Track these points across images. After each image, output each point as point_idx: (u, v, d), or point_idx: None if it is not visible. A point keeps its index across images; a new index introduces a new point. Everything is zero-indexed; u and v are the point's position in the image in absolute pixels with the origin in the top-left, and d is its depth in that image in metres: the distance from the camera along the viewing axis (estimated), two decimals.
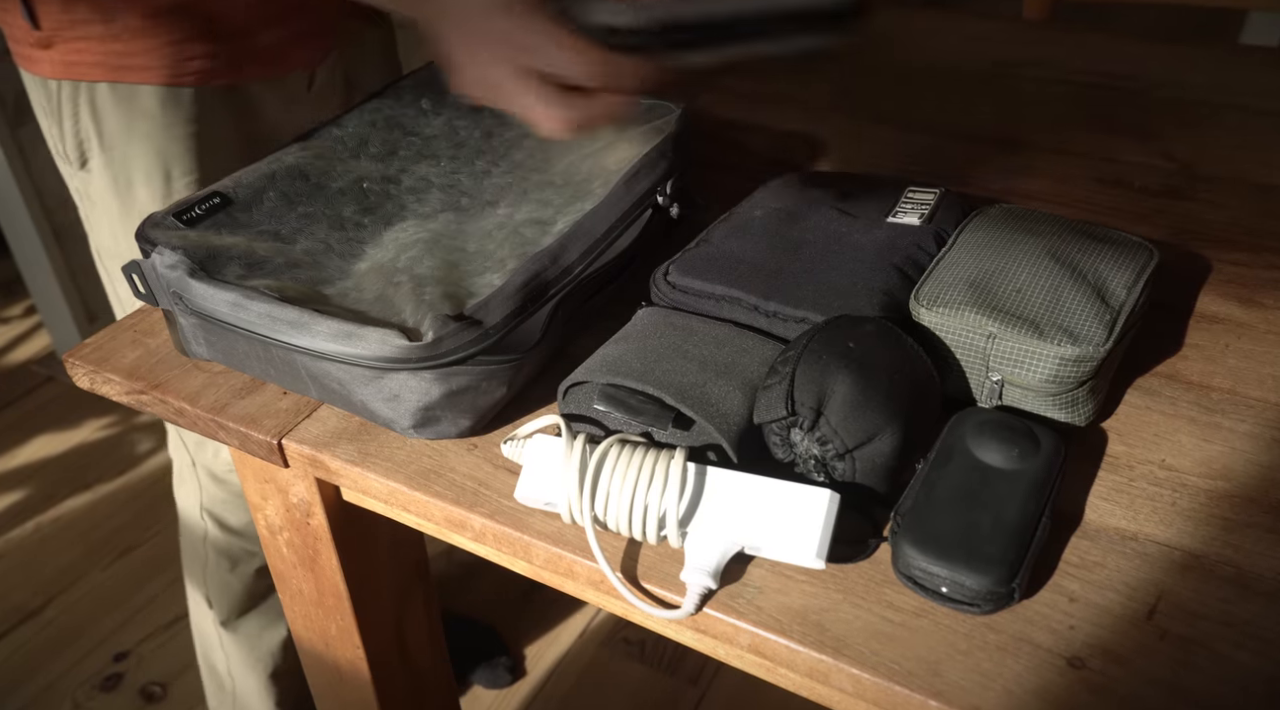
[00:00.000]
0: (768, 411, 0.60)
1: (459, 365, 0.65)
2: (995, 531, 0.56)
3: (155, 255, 0.70)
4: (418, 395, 0.66)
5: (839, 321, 0.64)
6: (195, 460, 1.16)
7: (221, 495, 1.17)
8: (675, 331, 0.68)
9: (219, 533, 1.20)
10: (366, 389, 0.66)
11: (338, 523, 0.79)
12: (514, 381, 0.69)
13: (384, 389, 0.66)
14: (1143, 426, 0.68)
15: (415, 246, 0.73)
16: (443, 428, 0.68)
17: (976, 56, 1.24)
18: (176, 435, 1.16)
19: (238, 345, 0.71)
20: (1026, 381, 0.65)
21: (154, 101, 0.94)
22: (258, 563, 1.23)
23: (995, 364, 0.66)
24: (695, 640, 0.63)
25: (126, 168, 0.97)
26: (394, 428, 0.68)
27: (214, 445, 1.11)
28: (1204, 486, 0.63)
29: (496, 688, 1.60)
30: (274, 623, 1.30)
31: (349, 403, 0.69)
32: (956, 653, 0.54)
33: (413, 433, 0.68)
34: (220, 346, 0.72)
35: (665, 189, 0.80)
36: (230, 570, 1.23)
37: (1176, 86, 1.15)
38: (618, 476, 0.60)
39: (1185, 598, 0.56)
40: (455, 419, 0.68)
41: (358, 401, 0.68)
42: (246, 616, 1.28)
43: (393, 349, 0.63)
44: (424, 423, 0.67)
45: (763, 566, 0.60)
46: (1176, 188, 0.96)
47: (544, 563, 0.64)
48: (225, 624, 1.28)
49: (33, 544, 1.90)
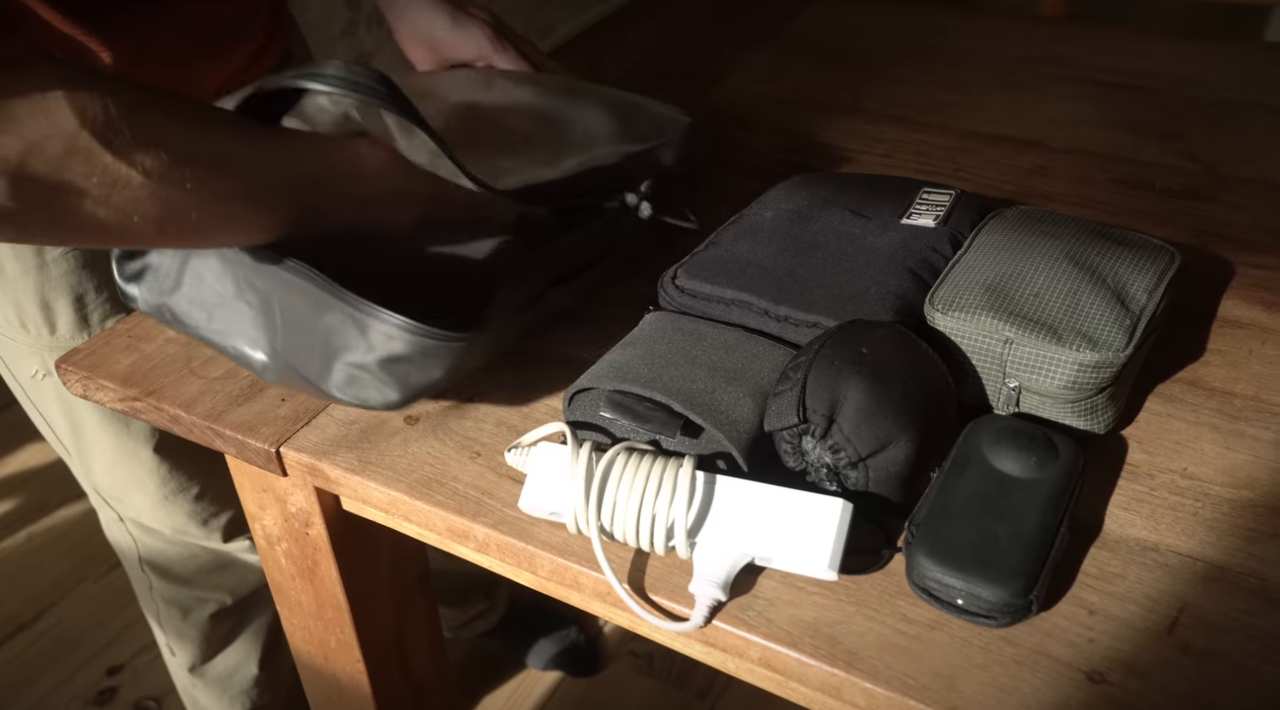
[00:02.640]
0: (779, 418, 0.60)
1: (399, 331, 0.63)
2: (1012, 542, 0.57)
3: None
4: (354, 354, 0.64)
5: (852, 326, 0.64)
6: (120, 514, 1.12)
7: (157, 546, 1.14)
8: (684, 336, 0.68)
9: (163, 584, 1.17)
10: (318, 321, 0.65)
11: (337, 533, 0.79)
12: (453, 367, 0.66)
13: (328, 336, 0.65)
14: (1164, 434, 0.68)
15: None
16: (367, 393, 0.66)
17: (992, 55, 1.24)
18: (91, 487, 1.10)
19: (205, 275, 0.70)
20: (1044, 388, 0.65)
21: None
22: (211, 608, 1.20)
23: (1012, 370, 0.66)
24: (704, 653, 0.63)
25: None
26: (321, 384, 0.66)
27: (133, 494, 1.06)
28: (1227, 496, 0.63)
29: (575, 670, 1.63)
30: (243, 662, 1.27)
31: (292, 350, 0.67)
32: (973, 666, 0.54)
33: (336, 391, 0.66)
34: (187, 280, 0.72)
35: (642, 189, 0.79)
36: (183, 619, 1.20)
37: (1199, 85, 1.15)
38: (624, 485, 0.60)
39: (1208, 610, 0.57)
40: (381, 387, 0.65)
41: (295, 345, 0.66)
42: (212, 661, 1.25)
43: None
44: (349, 382, 0.65)
45: (773, 578, 0.60)
46: (1199, 189, 0.96)
47: (549, 574, 0.64)
48: (192, 670, 1.26)
49: (24, 554, 1.90)
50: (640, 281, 0.80)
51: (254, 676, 1.28)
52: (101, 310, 0.93)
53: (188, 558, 1.15)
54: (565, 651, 1.63)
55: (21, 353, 0.96)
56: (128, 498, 1.08)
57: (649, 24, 1.39)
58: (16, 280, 0.90)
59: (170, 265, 0.72)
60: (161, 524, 1.09)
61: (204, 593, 1.19)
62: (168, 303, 0.73)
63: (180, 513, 1.07)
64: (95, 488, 1.09)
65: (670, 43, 1.33)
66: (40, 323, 0.92)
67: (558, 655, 1.62)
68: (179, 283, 0.72)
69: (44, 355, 0.95)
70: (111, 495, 1.09)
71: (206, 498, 1.08)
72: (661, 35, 1.36)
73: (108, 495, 1.09)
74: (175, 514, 1.07)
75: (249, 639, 1.26)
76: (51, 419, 1.02)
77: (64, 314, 0.92)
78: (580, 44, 1.37)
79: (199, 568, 1.16)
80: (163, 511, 1.07)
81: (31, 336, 0.93)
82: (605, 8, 1.49)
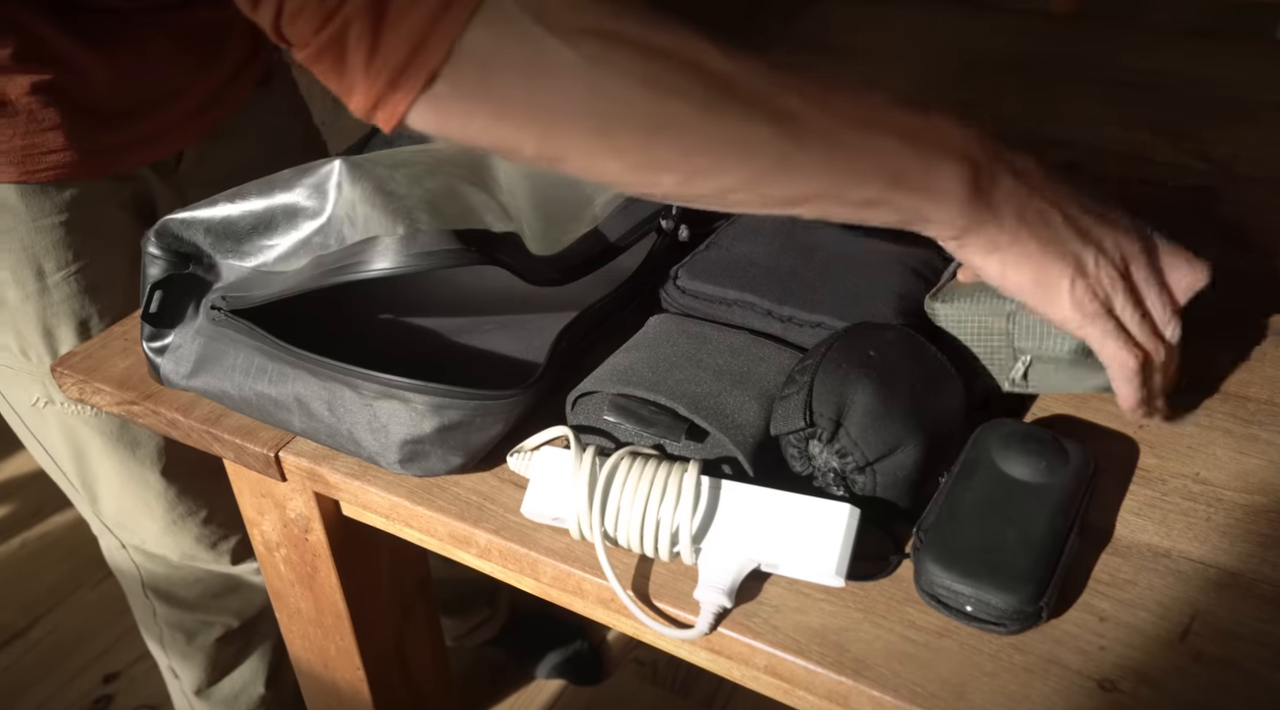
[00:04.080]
0: (785, 422, 0.61)
1: (451, 399, 0.63)
2: (1022, 548, 0.57)
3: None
4: (406, 428, 0.64)
5: (859, 329, 0.64)
6: (122, 542, 1.11)
7: (161, 571, 1.13)
8: (688, 339, 0.68)
9: (168, 610, 1.17)
10: (357, 416, 0.66)
11: (337, 538, 0.79)
12: (511, 418, 0.66)
13: (374, 417, 0.65)
14: (1176, 438, 0.68)
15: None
16: (431, 464, 0.66)
17: (1002, 52, 1.25)
18: (94, 515, 1.09)
19: (229, 358, 0.70)
20: (1056, 352, 0.65)
21: (12, 194, 0.86)
22: (217, 632, 1.20)
23: (1020, 341, 0.66)
24: (709, 661, 0.63)
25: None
26: (379, 462, 0.67)
27: (141, 520, 1.06)
28: (1240, 501, 0.63)
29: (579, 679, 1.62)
30: (250, 683, 1.26)
31: (334, 433, 0.67)
32: (982, 674, 0.54)
33: (399, 468, 0.66)
34: (208, 365, 0.72)
35: (671, 211, 0.78)
36: (188, 643, 1.20)
37: (1212, 83, 1.15)
38: (629, 490, 0.60)
39: (1221, 617, 0.57)
40: (445, 456, 0.66)
41: (345, 430, 0.66)
42: (219, 685, 1.25)
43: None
44: (411, 457, 0.66)
45: (780, 584, 0.60)
46: (1212, 189, 0.96)
47: (552, 580, 0.64)
48: (198, 693, 1.25)
49: (19, 561, 1.91)
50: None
51: (260, 696, 1.28)
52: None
53: (193, 582, 1.14)
54: (568, 660, 1.62)
55: (21, 382, 0.95)
56: (134, 525, 1.07)
57: None
58: (17, 308, 0.90)
59: (188, 350, 0.72)
60: (169, 549, 1.09)
61: (210, 616, 1.18)
62: (194, 386, 0.73)
63: (188, 537, 1.07)
64: (99, 516, 1.08)
65: None
66: (42, 350, 0.92)
67: (561, 663, 1.62)
68: (199, 370, 0.72)
69: (46, 383, 0.94)
70: (116, 523, 1.08)
71: (215, 521, 1.08)
72: None
73: (112, 523, 1.09)
74: (184, 539, 1.07)
75: (256, 660, 1.26)
76: (53, 448, 1.01)
77: (67, 340, 0.92)
78: None
79: (205, 591, 1.16)
80: (171, 537, 1.07)
81: (33, 364, 0.93)
82: None
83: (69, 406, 0.96)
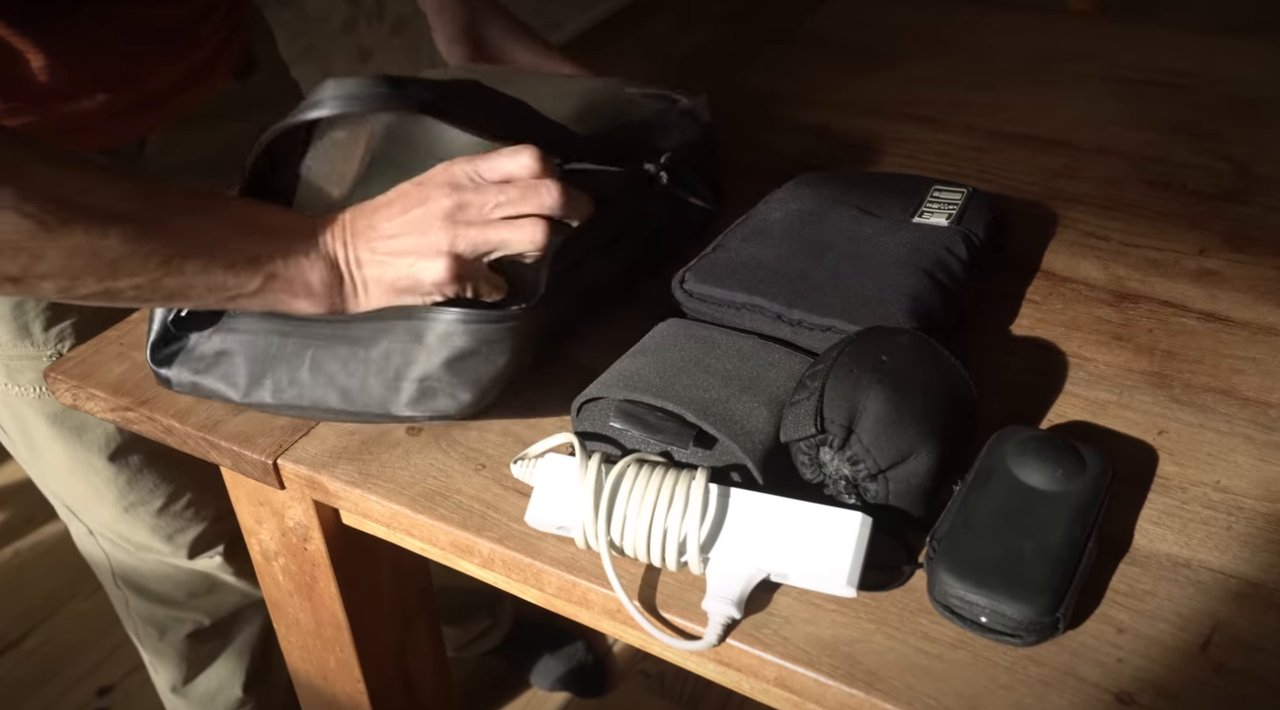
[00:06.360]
0: (795, 429, 0.61)
1: (458, 323, 0.66)
2: (1038, 558, 0.57)
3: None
4: (416, 366, 0.67)
5: (871, 334, 0.64)
6: (90, 527, 1.10)
7: (130, 562, 1.13)
8: (696, 344, 0.68)
9: (139, 601, 1.17)
10: (369, 366, 0.68)
11: (337, 548, 0.79)
12: (517, 350, 0.68)
13: (386, 359, 0.67)
14: (1196, 445, 0.68)
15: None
16: (440, 403, 0.68)
17: (1018, 51, 1.25)
18: (58, 500, 1.09)
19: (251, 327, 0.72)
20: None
21: None
22: (188, 628, 1.20)
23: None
24: (718, 673, 0.63)
25: None
26: (390, 409, 0.68)
27: (93, 506, 1.06)
28: (1262, 510, 0.63)
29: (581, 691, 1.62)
30: (226, 685, 1.26)
31: (347, 391, 0.69)
32: (997, 687, 0.54)
33: (408, 410, 0.68)
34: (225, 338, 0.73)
35: (661, 160, 0.80)
36: (160, 638, 1.20)
37: (1233, 82, 1.15)
38: (635, 498, 0.60)
39: (1242, 629, 0.57)
40: (454, 392, 0.68)
41: (355, 385, 0.69)
42: (194, 682, 1.25)
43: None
44: (421, 395, 0.67)
45: (790, 595, 0.60)
46: (1232, 191, 0.96)
47: (556, 590, 0.64)
48: (174, 690, 1.26)
49: (11, 571, 1.91)
50: (648, 286, 0.80)
51: (238, 699, 1.28)
52: (43, 319, 0.93)
53: (161, 577, 1.14)
54: (572, 671, 1.62)
55: None
56: (88, 509, 1.07)
57: (657, 21, 1.39)
58: None
59: (205, 348, 0.73)
60: (124, 539, 1.09)
61: (180, 612, 1.19)
62: (202, 382, 0.74)
63: (142, 527, 1.06)
64: (59, 499, 1.09)
65: (680, 40, 1.34)
66: None
67: (565, 675, 1.62)
68: (213, 365, 0.73)
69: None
70: (78, 501, 1.08)
71: (170, 512, 1.07)
72: (671, 32, 1.36)
73: (74, 503, 1.09)
74: (137, 528, 1.07)
75: (231, 661, 1.26)
76: (7, 428, 1.02)
77: (2, 323, 0.92)
78: (587, 40, 1.37)
79: (174, 586, 1.16)
80: (124, 525, 1.07)
81: None
82: (613, 3, 1.50)
83: (13, 389, 0.96)
